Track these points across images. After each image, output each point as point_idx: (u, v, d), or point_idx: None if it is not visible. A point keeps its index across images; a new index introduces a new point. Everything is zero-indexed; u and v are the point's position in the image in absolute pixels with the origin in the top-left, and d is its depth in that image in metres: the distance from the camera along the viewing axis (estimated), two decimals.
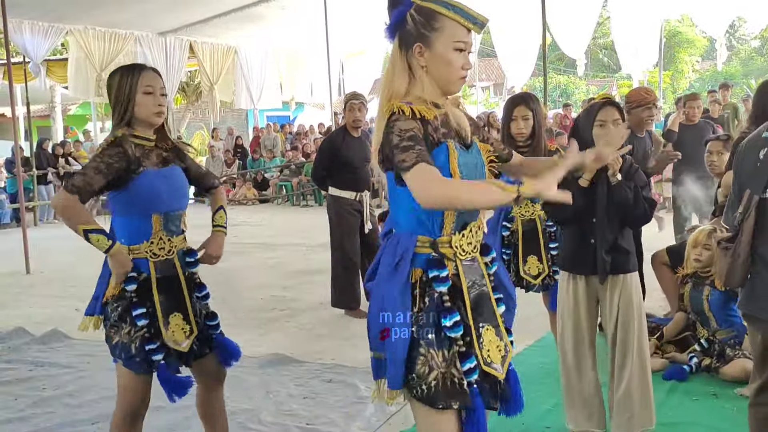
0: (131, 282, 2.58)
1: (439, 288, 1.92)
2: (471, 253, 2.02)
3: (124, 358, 2.58)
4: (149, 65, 2.74)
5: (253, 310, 6.15)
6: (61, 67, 14.38)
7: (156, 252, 2.63)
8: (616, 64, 34.55)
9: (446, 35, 1.92)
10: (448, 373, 1.90)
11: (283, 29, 14.51)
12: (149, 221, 2.62)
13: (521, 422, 3.54)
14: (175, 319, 2.64)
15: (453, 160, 1.91)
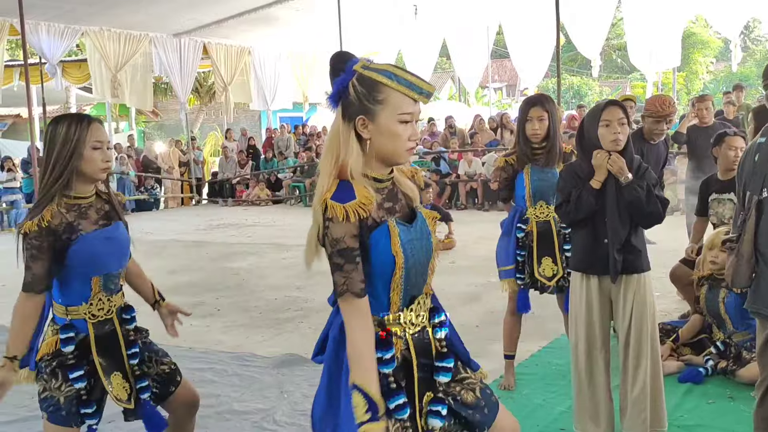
0: (69, 343, 2.47)
1: (383, 370, 1.88)
2: (420, 324, 1.98)
3: (50, 413, 2.46)
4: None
5: (267, 311, 6.18)
6: (76, 68, 14.50)
7: (95, 313, 2.53)
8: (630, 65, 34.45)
9: (390, 107, 1.84)
10: None
11: (297, 30, 14.55)
12: (88, 284, 2.52)
13: (536, 424, 3.55)
14: (116, 378, 2.55)
15: (395, 242, 1.86)
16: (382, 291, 1.90)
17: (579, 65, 34.85)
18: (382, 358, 1.88)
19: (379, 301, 1.91)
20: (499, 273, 3.99)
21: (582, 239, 3.20)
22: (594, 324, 3.18)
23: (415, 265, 1.92)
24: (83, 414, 2.48)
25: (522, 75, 15.95)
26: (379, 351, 1.88)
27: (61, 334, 2.48)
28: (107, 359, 2.54)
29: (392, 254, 1.86)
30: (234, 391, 4.20)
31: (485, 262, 7.35)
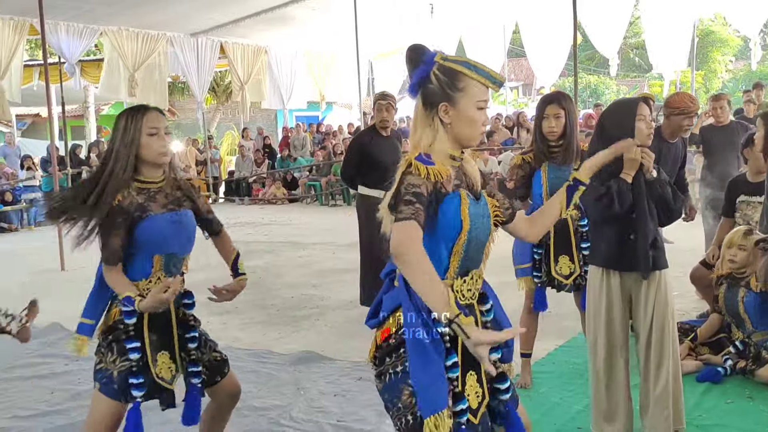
0: (131, 315, 2.58)
1: (440, 329, 1.95)
2: (469, 299, 2.09)
3: (103, 384, 2.58)
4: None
5: (284, 308, 6.20)
6: (94, 68, 14.60)
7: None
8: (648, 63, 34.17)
9: (470, 95, 2.01)
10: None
11: (313, 30, 14.57)
12: (150, 262, 2.64)
13: (553, 422, 3.54)
14: (162, 357, 2.65)
15: (464, 207, 2.01)
16: (444, 254, 2.02)
17: (596, 64, 34.64)
18: (437, 318, 1.93)
19: (438, 264, 2.00)
20: (516, 271, 3.98)
21: (606, 235, 3.15)
22: (614, 322, 3.16)
23: (476, 239, 2.05)
24: (131, 384, 2.56)
25: (538, 74, 15.88)
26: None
27: (123, 306, 2.57)
28: (157, 337, 2.64)
29: (461, 219, 1.99)
30: (251, 388, 4.22)
31: (500, 261, 7.31)
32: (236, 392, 2.91)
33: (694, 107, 4.12)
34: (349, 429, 3.55)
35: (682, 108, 4.11)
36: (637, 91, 26.46)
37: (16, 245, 11.24)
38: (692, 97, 4.23)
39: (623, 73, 34.54)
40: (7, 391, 4.38)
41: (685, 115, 4.11)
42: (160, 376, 2.62)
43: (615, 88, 33.98)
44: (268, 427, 3.65)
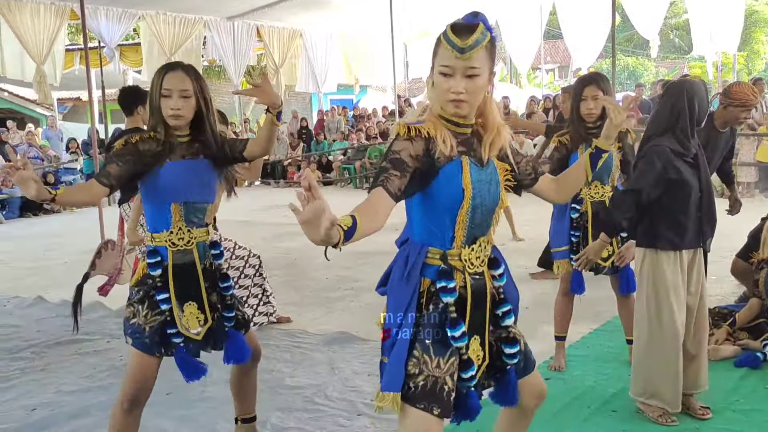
0: (157, 267, 2.67)
1: (445, 298, 2.00)
2: (479, 266, 2.09)
3: (135, 339, 2.64)
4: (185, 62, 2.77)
5: (319, 290, 6.26)
6: (133, 52, 14.79)
7: (175, 242, 2.70)
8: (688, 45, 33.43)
9: (438, 58, 1.99)
10: (440, 378, 1.96)
11: (348, 12, 14.54)
12: (168, 211, 2.68)
13: (587, 405, 3.54)
14: (189, 307, 2.71)
15: (466, 175, 1.99)
16: (449, 225, 2.02)
17: (634, 45, 34.01)
18: (445, 287, 2.00)
19: (444, 234, 2.03)
20: (553, 254, 3.96)
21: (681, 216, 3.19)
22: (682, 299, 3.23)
23: (481, 206, 2.04)
24: (170, 334, 2.66)
25: (575, 56, 15.63)
26: (443, 280, 2.00)
27: (148, 258, 2.67)
28: (183, 288, 2.71)
29: (462, 187, 1.99)
30: (286, 367, 4.29)
31: (535, 245, 7.30)
32: (258, 352, 2.99)
33: (755, 100, 3.98)
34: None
35: (744, 100, 3.95)
36: (676, 73, 25.92)
37: (58, 226, 11.50)
38: (754, 89, 4.06)
39: (663, 55, 33.86)
40: (51, 366, 4.52)
41: (744, 107, 3.96)
42: (186, 326, 2.70)
43: (654, 70, 33.34)
44: (302, 405, 3.71)
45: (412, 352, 1.98)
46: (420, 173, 1.95)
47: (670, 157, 3.12)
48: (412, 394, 1.96)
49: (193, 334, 2.72)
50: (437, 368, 1.96)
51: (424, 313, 2.02)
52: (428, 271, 2.04)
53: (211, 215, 2.83)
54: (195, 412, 3.64)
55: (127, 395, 2.66)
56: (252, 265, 4.96)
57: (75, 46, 14.66)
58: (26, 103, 20.24)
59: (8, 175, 2.28)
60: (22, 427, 3.57)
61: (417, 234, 2.08)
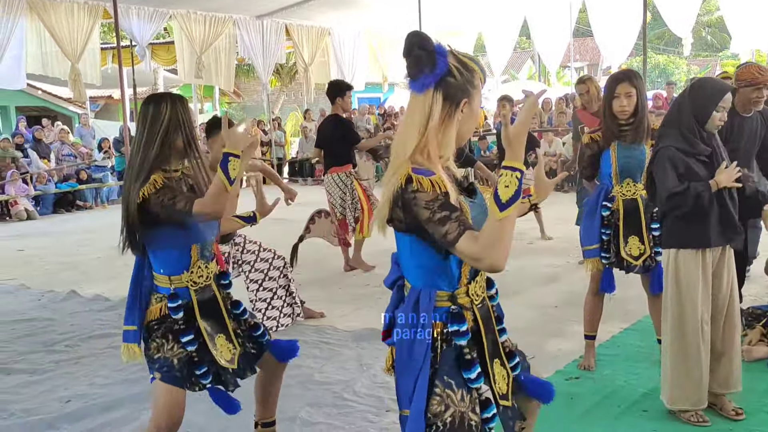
0: (178, 311, 2.62)
1: (460, 342, 1.95)
2: (482, 295, 2.05)
3: (164, 373, 2.59)
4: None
5: (347, 286, 6.29)
6: (164, 51, 14.97)
7: (195, 280, 2.68)
8: (720, 42, 32.90)
9: (479, 93, 1.94)
10: (466, 413, 1.92)
11: (376, 10, 14.56)
12: (189, 252, 2.66)
13: (617, 405, 3.51)
14: (219, 340, 2.71)
15: (468, 217, 1.89)
16: (455, 267, 1.96)
17: (665, 43, 33.57)
18: (458, 331, 1.95)
19: (451, 276, 1.97)
20: (583, 252, 3.93)
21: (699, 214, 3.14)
22: (707, 298, 3.21)
23: None
24: (197, 375, 2.64)
25: (605, 53, 15.48)
26: (455, 324, 1.95)
27: (169, 302, 2.63)
28: (210, 323, 2.70)
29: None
30: (315, 363, 4.32)
31: (564, 243, 7.25)
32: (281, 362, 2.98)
33: (762, 78, 4.00)
34: None
35: (750, 80, 4.03)
36: (708, 71, 25.53)
37: (90, 222, 11.70)
38: (761, 67, 4.11)
39: (695, 52, 33.39)
40: (84, 360, 4.60)
41: (753, 86, 4.01)
42: (224, 359, 2.68)
43: (685, 67, 32.88)
44: (332, 401, 3.73)
45: (434, 391, 1.93)
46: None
47: (676, 156, 3.12)
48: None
49: (231, 365, 2.71)
50: (462, 402, 1.92)
51: (440, 352, 1.97)
52: (437, 313, 1.97)
53: (217, 246, 2.84)
54: None
55: (161, 430, 2.61)
56: (276, 267, 4.99)
57: (107, 45, 14.86)
58: (59, 101, 20.58)
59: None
60: (58, 418, 3.65)
61: (418, 279, 1.99)
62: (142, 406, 3.71)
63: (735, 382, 3.30)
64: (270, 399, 3.06)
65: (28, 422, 3.61)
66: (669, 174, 3.11)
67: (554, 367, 4.00)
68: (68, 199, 13.81)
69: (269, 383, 3.00)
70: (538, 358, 3.83)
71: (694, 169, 3.10)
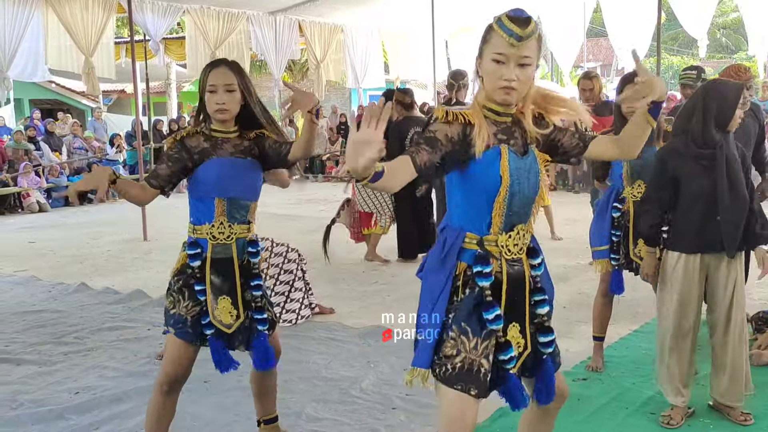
0: (195, 259, 2.74)
1: (481, 283, 2.03)
2: (517, 254, 2.11)
3: (178, 329, 2.72)
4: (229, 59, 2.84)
5: (355, 284, 6.30)
6: (177, 45, 14.99)
7: (215, 235, 2.74)
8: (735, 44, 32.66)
9: (490, 46, 2.02)
10: (476, 360, 1.99)
11: (389, 8, 14.53)
12: (212, 204, 2.73)
13: (624, 407, 3.50)
14: (223, 301, 2.76)
15: (504, 162, 2.03)
16: (486, 210, 2.05)
17: (679, 44, 33.37)
18: (481, 272, 2.03)
19: (481, 219, 2.06)
20: (593, 253, 3.92)
21: (690, 219, 3.14)
22: (691, 304, 3.18)
23: (519, 194, 2.07)
24: (203, 324, 2.73)
25: (619, 54, 15.39)
26: (479, 265, 2.03)
27: (188, 249, 2.75)
28: (219, 281, 2.76)
29: (500, 174, 2.02)
30: (322, 359, 4.33)
31: (575, 244, 7.23)
32: (278, 350, 3.03)
33: (741, 78, 4.03)
34: (418, 402, 3.60)
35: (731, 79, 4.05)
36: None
37: (101, 216, 11.75)
38: (741, 67, 4.20)
39: (709, 54, 33.17)
40: (93, 352, 4.63)
41: None
42: (218, 319, 2.75)
43: None
44: (338, 397, 3.74)
45: (449, 334, 2.02)
46: (454, 155, 2.01)
47: (676, 159, 3.13)
48: (450, 375, 2.00)
49: (226, 329, 2.76)
50: (474, 350, 2.00)
51: (461, 296, 2.05)
52: (465, 255, 2.07)
53: (254, 213, 2.86)
54: (231, 401, 3.70)
55: (168, 378, 2.75)
56: (291, 260, 5.01)
57: (121, 39, 14.92)
58: (72, 95, 20.70)
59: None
60: (66, 409, 3.67)
61: (455, 218, 2.11)
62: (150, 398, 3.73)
63: (734, 397, 3.25)
64: (267, 394, 3.09)
65: (37, 413, 3.63)
66: (656, 175, 3.21)
67: (562, 367, 3.94)
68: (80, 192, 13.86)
69: (262, 377, 3.03)
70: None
71: (690, 172, 3.09)
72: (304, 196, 12.93)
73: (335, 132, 17.36)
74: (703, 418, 3.33)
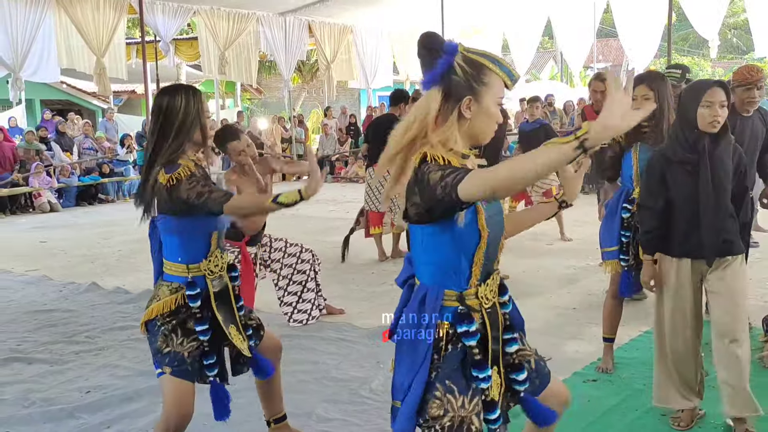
0: (195, 299, 2.66)
1: (468, 342, 1.92)
2: (492, 299, 2.01)
3: (175, 367, 2.60)
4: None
5: (363, 284, 6.30)
6: (188, 46, 15.08)
7: (212, 269, 2.71)
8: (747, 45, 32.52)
9: (493, 90, 1.91)
10: (466, 418, 1.89)
11: (399, 9, 14.56)
12: (209, 240, 2.70)
13: (635, 408, 3.49)
14: (232, 329, 2.75)
15: (481, 217, 1.90)
16: (465, 265, 1.94)
17: (690, 45, 33.24)
18: (467, 332, 1.92)
19: (460, 275, 1.94)
20: (602, 254, 3.91)
21: (677, 223, 3.11)
22: (684, 309, 3.14)
23: (493, 240, 1.96)
24: (206, 366, 2.68)
25: (630, 54, 15.35)
26: (464, 324, 1.93)
27: (187, 290, 2.66)
28: (224, 312, 2.74)
29: (479, 229, 1.90)
30: (332, 359, 4.33)
31: (584, 245, 7.21)
32: (278, 348, 3.03)
33: (753, 78, 4.05)
34: None
35: (741, 80, 4.10)
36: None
37: (112, 215, 11.81)
38: (753, 68, 4.16)
39: (720, 55, 33.03)
40: (104, 351, 4.65)
41: (744, 86, 4.10)
42: (237, 347, 2.74)
43: (710, 70, 32.53)
44: (348, 398, 3.74)
45: (434, 394, 1.90)
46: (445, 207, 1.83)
47: (663, 163, 3.10)
48: None
49: (247, 353, 2.78)
50: (462, 408, 1.89)
51: (443, 353, 1.94)
52: (445, 313, 1.94)
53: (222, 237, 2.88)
54: (243, 401, 3.69)
55: (172, 427, 2.62)
56: (305, 260, 5.02)
57: (131, 40, 14.99)
58: (83, 95, 20.79)
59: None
60: (77, 407, 3.69)
61: (427, 275, 1.97)
62: (160, 398, 3.69)
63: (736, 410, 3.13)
64: (273, 394, 3.11)
65: (48, 411, 3.66)
66: (645, 182, 3.20)
67: (572, 369, 3.98)
68: (90, 192, 13.96)
69: (264, 383, 3.05)
70: (555, 359, 3.81)
71: (674, 177, 3.06)
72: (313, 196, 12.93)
73: (344, 133, 17.38)
74: (715, 420, 3.31)
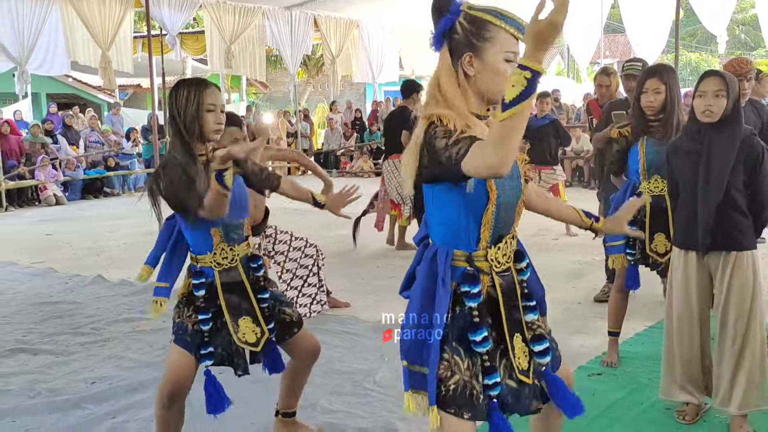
0: (200, 288, 2.70)
1: (469, 303, 1.92)
2: (505, 264, 2.00)
3: (178, 336, 2.70)
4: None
5: (369, 278, 6.31)
6: (193, 40, 15.08)
7: (219, 261, 2.72)
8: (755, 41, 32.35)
9: (498, 45, 1.88)
10: (469, 382, 1.89)
11: (404, 3, 14.52)
12: (209, 235, 2.70)
13: (640, 402, 3.49)
14: (244, 321, 2.73)
15: (489, 180, 1.88)
16: (473, 226, 1.93)
17: (698, 41, 33.10)
18: (469, 292, 1.92)
19: (469, 236, 1.94)
20: (608, 248, 3.90)
21: (678, 215, 3.17)
22: (690, 301, 3.13)
23: (505, 203, 1.95)
24: (202, 355, 2.70)
25: (637, 50, 15.27)
26: (467, 285, 1.92)
27: (193, 280, 2.72)
28: (235, 305, 2.74)
29: (487, 190, 1.90)
30: (336, 352, 4.33)
31: (589, 240, 7.17)
32: (314, 350, 2.99)
33: (743, 69, 4.07)
34: None
35: (731, 72, 4.01)
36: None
37: (117, 208, 11.84)
38: (742, 60, 4.19)
39: (728, 51, 32.87)
40: (109, 343, 4.67)
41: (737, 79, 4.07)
42: (243, 339, 2.73)
43: (718, 66, 32.37)
44: (352, 390, 3.75)
45: (442, 355, 1.91)
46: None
47: (673, 153, 3.17)
48: (443, 399, 1.90)
49: (254, 348, 2.76)
50: (467, 370, 1.90)
51: (452, 316, 1.94)
52: (454, 274, 1.95)
53: (249, 227, 2.85)
54: (250, 394, 3.70)
55: (165, 393, 2.70)
56: (308, 255, 5.02)
57: (137, 34, 14.99)
58: (89, 89, 20.82)
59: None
60: (83, 398, 3.70)
61: (438, 235, 1.98)
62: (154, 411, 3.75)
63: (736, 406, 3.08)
64: (296, 390, 3.09)
65: (54, 402, 3.67)
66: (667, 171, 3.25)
67: (577, 363, 3.98)
68: (96, 186, 13.99)
69: (298, 373, 3.03)
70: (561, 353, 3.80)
71: (680, 167, 3.11)
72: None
73: (350, 127, 17.36)
74: (720, 414, 3.30)
